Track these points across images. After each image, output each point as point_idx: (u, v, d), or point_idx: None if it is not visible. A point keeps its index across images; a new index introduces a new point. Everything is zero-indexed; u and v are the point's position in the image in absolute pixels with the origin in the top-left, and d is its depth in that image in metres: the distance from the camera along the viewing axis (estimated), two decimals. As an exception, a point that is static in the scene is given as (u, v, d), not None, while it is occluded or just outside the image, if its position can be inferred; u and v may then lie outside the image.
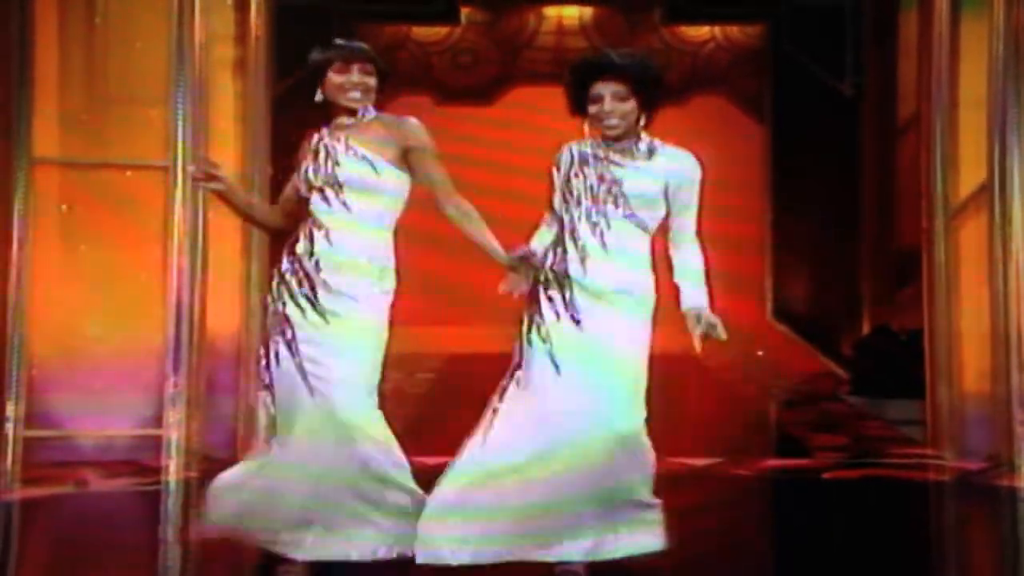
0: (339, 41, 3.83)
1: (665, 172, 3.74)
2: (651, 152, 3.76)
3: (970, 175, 6.51)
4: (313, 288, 3.71)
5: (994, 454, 6.11)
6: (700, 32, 11.99)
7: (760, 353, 11.27)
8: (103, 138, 6.28)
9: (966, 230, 6.58)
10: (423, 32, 11.92)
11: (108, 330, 6.19)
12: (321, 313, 3.70)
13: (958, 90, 6.60)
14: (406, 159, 3.75)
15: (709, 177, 3.83)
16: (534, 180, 4.15)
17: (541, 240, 3.86)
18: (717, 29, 12.00)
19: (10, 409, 5.93)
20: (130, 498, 5.61)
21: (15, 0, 5.96)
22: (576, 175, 3.76)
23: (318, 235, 3.73)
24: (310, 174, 3.77)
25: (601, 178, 3.73)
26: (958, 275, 6.62)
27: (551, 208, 3.86)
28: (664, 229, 3.81)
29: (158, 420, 6.11)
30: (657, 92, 3.78)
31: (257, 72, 6.85)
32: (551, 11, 11.99)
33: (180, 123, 6.16)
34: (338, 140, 3.77)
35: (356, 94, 3.77)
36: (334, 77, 3.76)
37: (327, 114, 3.84)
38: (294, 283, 3.74)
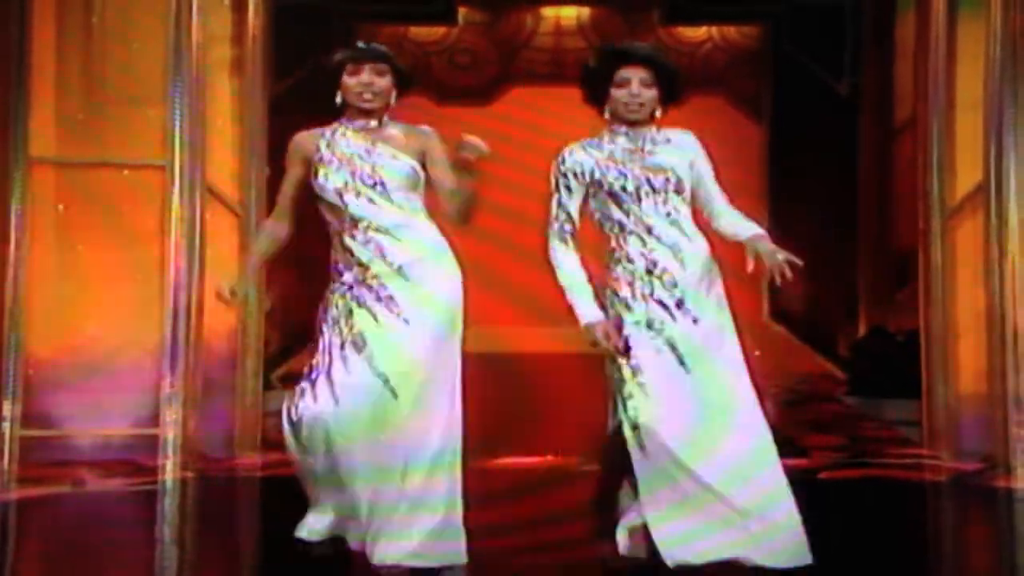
0: (360, 44, 3.88)
1: (685, 152, 3.84)
2: (666, 138, 3.86)
3: (966, 176, 6.52)
4: (388, 291, 3.70)
5: (990, 455, 6.12)
6: (698, 32, 11.99)
7: (757, 353, 11.24)
8: (100, 138, 6.28)
9: (962, 231, 6.58)
10: (421, 32, 11.91)
11: (105, 330, 6.20)
12: (401, 314, 3.69)
13: (955, 91, 6.62)
14: (423, 162, 3.82)
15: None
16: (535, 178, 4.16)
17: (577, 277, 3.80)
18: (715, 29, 12.00)
19: (7, 408, 5.93)
20: (127, 497, 5.61)
21: (13, 0, 5.96)
22: (620, 173, 3.77)
23: (379, 237, 3.73)
24: (344, 176, 3.76)
25: (648, 168, 3.77)
26: (954, 276, 6.63)
27: (568, 219, 3.82)
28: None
29: (155, 419, 6.11)
30: (676, 86, 3.85)
31: (254, 72, 6.86)
32: (549, 12, 11.99)
33: (177, 123, 6.16)
34: (366, 141, 3.80)
35: (368, 95, 3.79)
36: (347, 79, 3.80)
37: (338, 116, 3.84)
38: (363, 289, 3.72)
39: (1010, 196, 6.04)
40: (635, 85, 3.76)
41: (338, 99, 3.84)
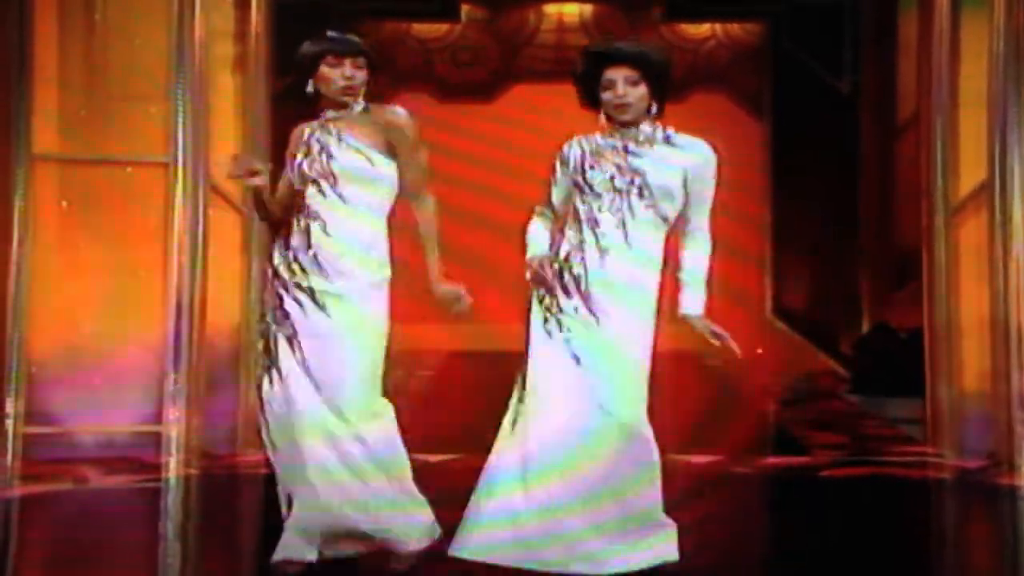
0: (331, 34, 3.83)
1: (683, 163, 3.73)
2: (668, 141, 3.76)
3: (970, 174, 6.52)
4: (310, 282, 3.71)
5: (994, 452, 6.12)
6: (700, 30, 11.98)
7: (759, 351, 11.26)
8: (103, 135, 6.28)
9: (966, 228, 6.58)
10: (423, 29, 11.90)
11: (108, 326, 6.20)
12: (321, 306, 3.70)
13: (958, 89, 6.61)
14: (391, 146, 3.78)
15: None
16: (534, 176, 4.15)
17: (538, 237, 3.84)
18: (717, 26, 11.99)
19: (10, 405, 5.94)
20: (130, 495, 5.61)
21: (15, -3, 5.97)
22: (592, 167, 3.74)
23: (314, 227, 3.73)
24: (304, 167, 3.77)
25: (620, 169, 3.72)
26: (958, 273, 6.63)
27: (549, 203, 3.86)
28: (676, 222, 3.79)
29: (158, 416, 6.11)
30: (666, 79, 3.79)
31: (257, 69, 6.86)
32: (551, 9, 11.98)
33: (180, 120, 6.16)
34: (330, 132, 3.78)
35: (348, 88, 3.77)
36: (326, 71, 3.76)
37: (316, 106, 3.84)
38: (288, 278, 3.74)
39: (1014, 194, 6.04)
40: (620, 86, 3.71)
41: (309, 87, 3.80)
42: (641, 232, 3.69)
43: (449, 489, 3.94)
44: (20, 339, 5.99)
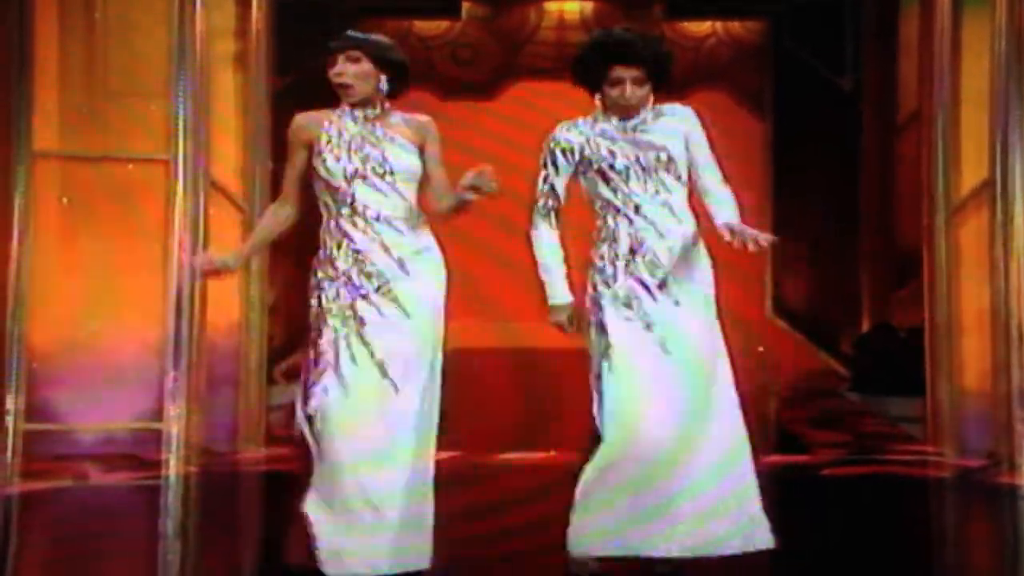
0: (349, 32, 3.82)
1: (679, 129, 3.80)
2: (661, 114, 3.82)
3: (971, 172, 6.51)
4: (391, 284, 3.66)
5: (994, 451, 6.11)
6: (701, 27, 11.97)
7: (760, 349, 11.26)
8: (104, 132, 6.27)
9: (967, 227, 6.57)
10: (424, 27, 11.89)
11: (108, 323, 6.19)
12: (402, 307, 3.66)
13: (960, 87, 6.60)
14: (423, 149, 3.78)
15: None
16: (535, 174, 4.13)
17: (554, 269, 3.79)
18: (718, 24, 11.97)
19: (10, 402, 5.93)
20: (130, 492, 5.61)
21: (16, -6, 5.96)
22: (611, 152, 3.73)
23: (380, 226, 3.68)
24: (355, 162, 3.70)
25: (640, 147, 3.74)
26: (959, 272, 6.62)
27: (553, 195, 3.80)
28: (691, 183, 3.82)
29: (158, 414, 6.11)
30: (669, 76, 3.83)
31: (258, 67, 6.85)
32: (552, 6, 11.97)
33: (181, 117, 6.16)
34: (374, 128, 3.75)
35: (341, 84, 3.73)
36: (328, 69, 3.76)
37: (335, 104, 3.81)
38: (363, 279, 3.68)
39: (1016, 193, 6.03)
40: (628, 86, 3.72)
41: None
42: (678, 204, 3.75)
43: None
44: (20, 336, 5.99)
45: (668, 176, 3.74)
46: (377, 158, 3.70)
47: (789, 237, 11.37)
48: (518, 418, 7.17)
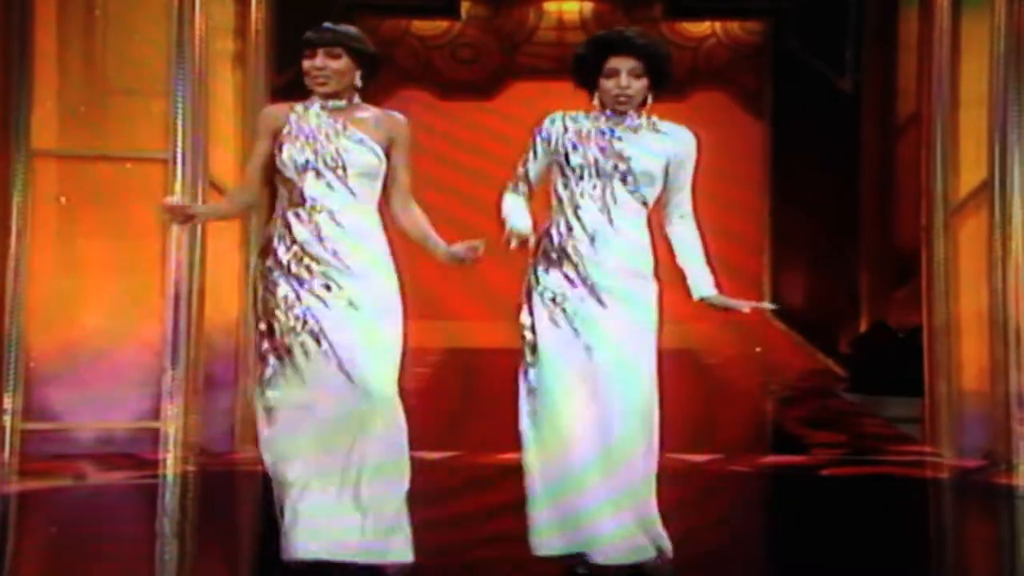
0: (327, 25, 3.81)
1: (667, 150, 3.78)
2: (654, 128, 3.79)
3: (970, 173, 6.51)
4: (329, 275, 3.65)
5: (992, 452, 6.12)
6: (701, 28, 11.99)
7: (758, 349, 11.27)
8: (102, 130, 6.26)
9: (966, 228, 6.57)
10: (423, 26, 11.90)
11: (106, 323, 6.19)
12: (348, 300, 3.64)
13: (959, 88, 6.59)
14: (388, 150, 3.77)
15: (708, 172, 3.86)
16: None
17: (518, 210, 3.78)
18: (718, 25, 12.00)
19: (8, 401, 5.93)
20: (128, 491, 5.60)
21: (15, -8, 5.96)
22: (575, 147, 3.75)
23: (321, 218, 3.67)
24: (307, 154, 3.69)
25: (604, 152, 3.73)
26: (957, 272, 6.61)
27: (525, 179, 3.83)
28: (658, 207, 3.82)
29: (156, 413, 6.10)
30: (667, 75, 3.80)
31: (257, 65, 6.84)
32: (551, 6, 11.99)
33: (179, 116, 6.15)
34: (335, 121, 3.74)
35: (321, 78, 3.72)
36: (304, 62, 3.76)
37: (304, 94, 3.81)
38: (301, 274, 3.68)
39: (1014, 193, 6.04)
40: (624, 77, 3.72)
41: (305, 81, 3.79)
42: (623, 217, 3.72)
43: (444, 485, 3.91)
44: (18, 335, 5.98)
45: (622, 187, 3.72)
46: (331, 152, 3.69)
47: (787, 238, 11.41)
48: (481, 417, 7.18)
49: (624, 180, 3.72)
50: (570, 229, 3.73)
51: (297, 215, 3.71)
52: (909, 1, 8.66)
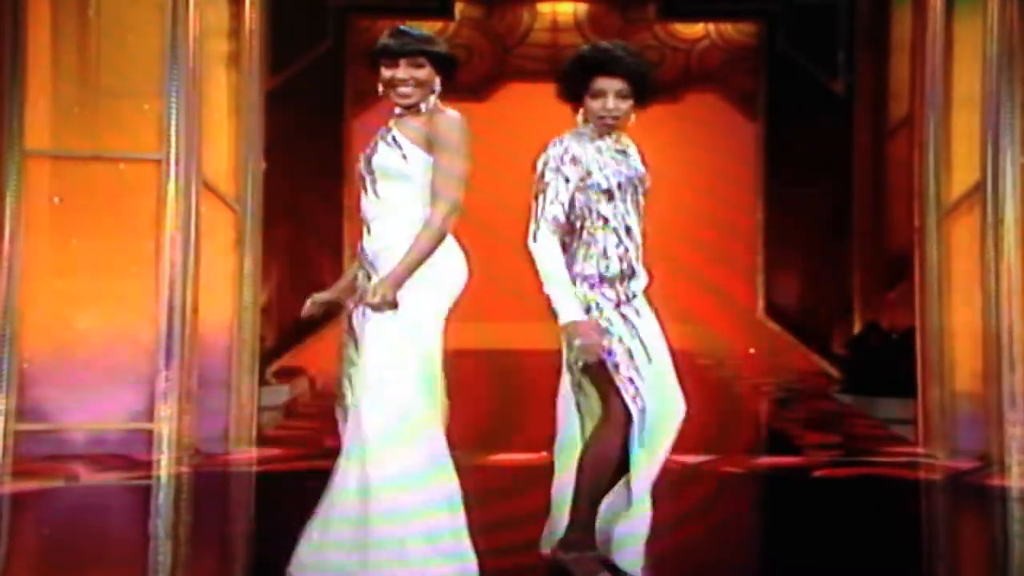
0: (403, 28, 3.68)
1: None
2: (627, 144, 3.90)
3: (963, 175, 6.53)
4: (367, 284, 3.60)
5: (985, 453, 6.13)
6: (694, 29, 11.97)
7: (751, 351, 11.26)
8: (96, 131, 6.26)
9: (958, 229, 6.59)
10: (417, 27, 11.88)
11: (100, 324, 6.18)
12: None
13: (951, 89, 6.61)
14: (431, 145, 3.59)
15: (702, 172, 3.90)
16: (527, 176, 4.12)
17: (560, 262, 3.73)
18: (711, 27, 11.97)
19: (1, 402, 5.92)
20: (121, 492, 5.60)
21: (8, -8, 5.95)
22: (602, 167, 3.76)
23: (365, 228, 3.63)
24: (360, 165, 3.66)
25: (628, 170, 3.81)
26: (950, 274, 6.63)
27: (561, 208, 3.72)
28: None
29: (149, 414, 6.10)
30: (650, 95, 3.82)
31: (251, 66, 6.83)
32: (545, 8, 11.97)
33: (173, 117, 6.15)
34: (388, 130, 3.66)
35: (403, 89, 3.60)
36: (383, 71, 3.62)
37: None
38: (363, 280, 3.65)
39: (1006, 195, 6.06)
40: (611, 99, 3.72)
41: (379, 90, 3.66)
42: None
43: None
44: (11, 335, 5.97)
45: (642, 202, 3.87)
46: (367, 160, 3.63)
47: (780, 239, 11.41)
48: (511, 418, 7.18)
49: (645, 195, 3.84)
50: (624, 250, 3.77)
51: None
52: (902, 2, 8.67)
